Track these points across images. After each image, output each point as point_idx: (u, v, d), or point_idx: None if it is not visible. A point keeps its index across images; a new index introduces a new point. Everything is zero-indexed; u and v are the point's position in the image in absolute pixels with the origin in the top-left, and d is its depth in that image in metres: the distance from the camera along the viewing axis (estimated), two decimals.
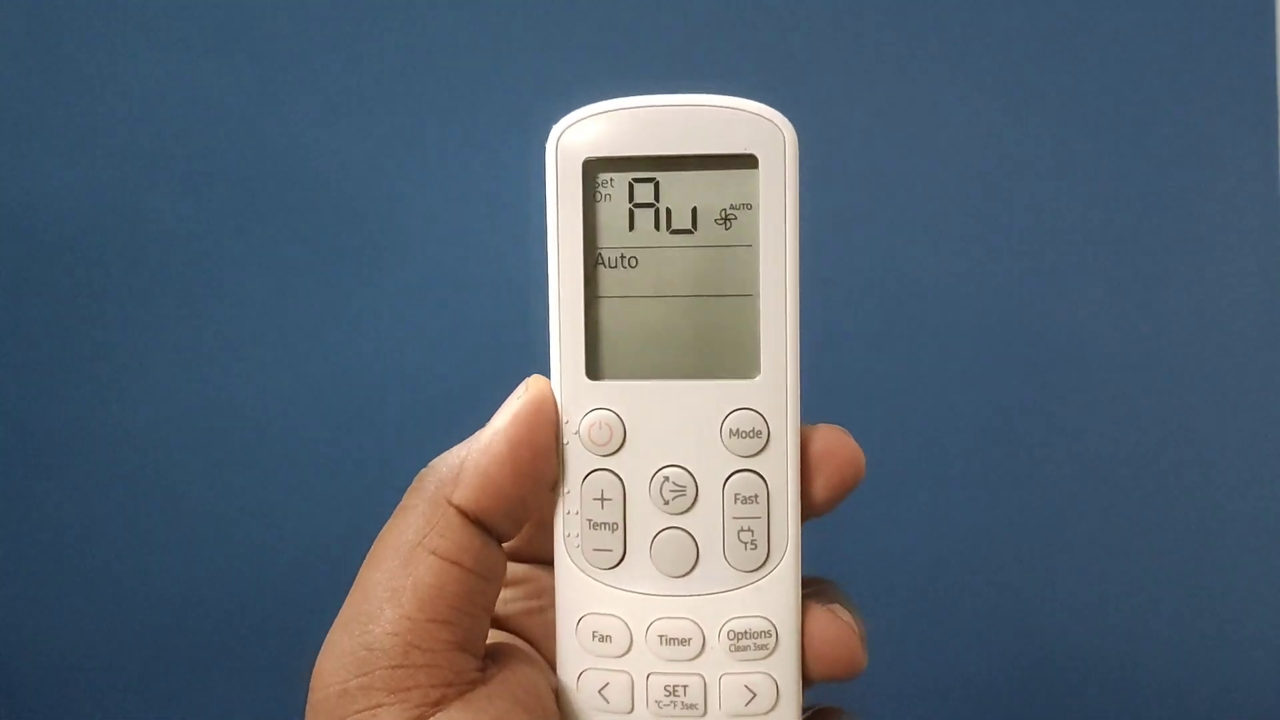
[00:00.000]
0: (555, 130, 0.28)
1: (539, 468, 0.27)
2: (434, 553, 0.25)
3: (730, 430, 0.27)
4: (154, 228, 0.65)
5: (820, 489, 0.28)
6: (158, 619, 0.65)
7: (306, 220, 0.64)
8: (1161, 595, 0.60)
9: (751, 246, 0.27)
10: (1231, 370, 0.60)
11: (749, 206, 0.27)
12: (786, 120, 0.27)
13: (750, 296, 0.28)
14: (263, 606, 0.64)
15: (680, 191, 0.28)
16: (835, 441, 0.28)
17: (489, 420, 0.27)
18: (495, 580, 0.27)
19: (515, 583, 0.30)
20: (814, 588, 0.29)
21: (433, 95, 0.63)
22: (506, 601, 0.29)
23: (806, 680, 0.28)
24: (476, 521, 0.26)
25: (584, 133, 0.28)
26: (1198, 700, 0.60)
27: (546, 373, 0.28)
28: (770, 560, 0.28)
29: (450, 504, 0.26)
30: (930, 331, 0.61)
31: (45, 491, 0.66)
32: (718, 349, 0.28)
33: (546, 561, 0.29)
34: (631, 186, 0.28)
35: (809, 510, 0.28)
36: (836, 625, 0.28)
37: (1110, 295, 0.60)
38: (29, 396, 0.66)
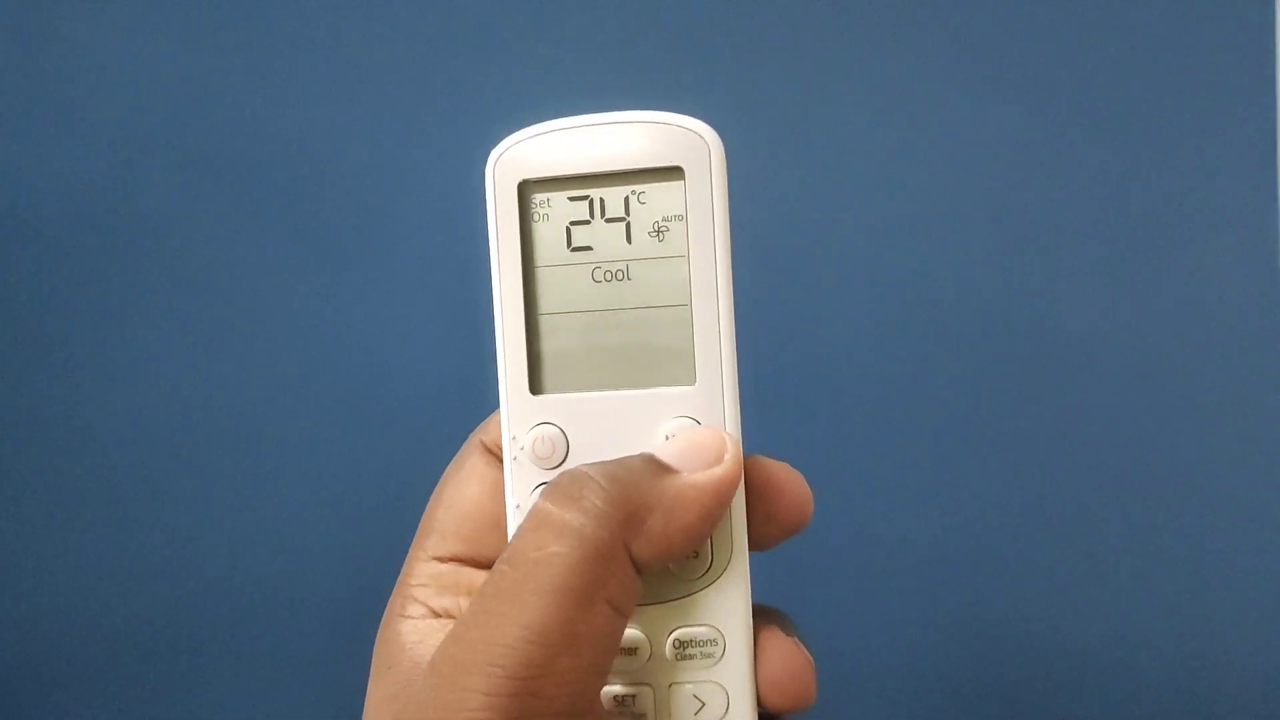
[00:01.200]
0: (493, 155, 0.29)
1: (706, 534, 0.27)
2: (611, 604, 0.24)
3: (668, 437, 0.28)
4: (142, 216, 0.67)
5: (765, 523, 0.28)
6: (147, 613, 0.67)
7: (296, 211, 0.66)
8: (1151, 595, 0.59)
9: (684, 257, 0.28)
10: (1227, 367, 0.58)
11: (680, 218, 0.28)
12: (712, 131, 0.28)
13: (684, 306, 0.28)
14: (248, 600, 0.66)
15: (613, 207, 0.28)
16: (785, 478, 0.28)
17: (666, 458, 0.26)
18: None
19: None
20: (770, 616, 0.29)
21: (425, 90, 0.65)
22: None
23: (760, 708, 0.28)
24: (642, 571, 0.25)
25: (519, 155, 0.29)
26: (1189, 698, 0.58)
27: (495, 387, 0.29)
28: (714, 569, 0.28)
29: (630, 554, 0.25)
30: (913, 334, 0.60)
31: (30, 482, 0.68)
32: (655, 359, 0.28)
33: None
34: (566, 205, 0.29)
35: (753, 542, 0.28)
36: (798, 656, 0.28)
37: (1101, 294, 0.59)
38: (10, 386, 0.68)
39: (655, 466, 0.26)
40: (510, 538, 0.29)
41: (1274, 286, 0.57)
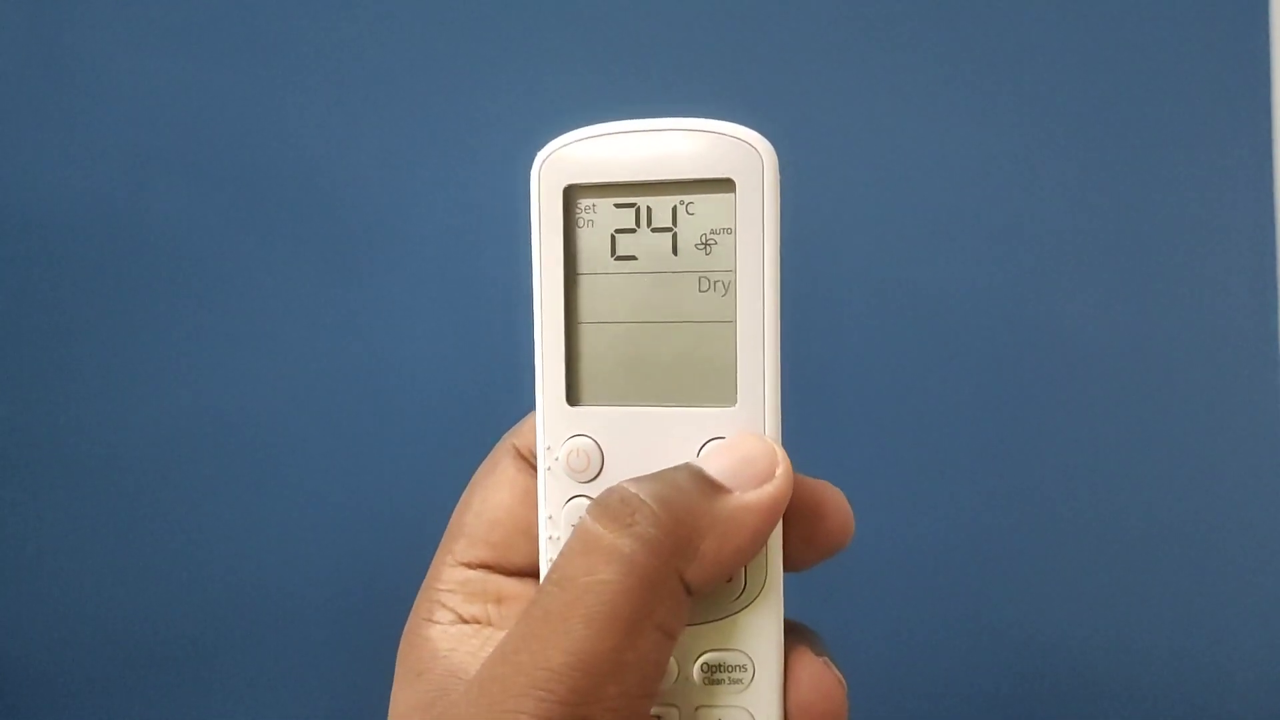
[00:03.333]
0: (539, 157, 0.28)
1: (757, 553, 0.26)
2: (661, 630, 0.24)
3: (702, 447, 0.27)
4: (154, 227, 0.67)
5: (803, 544, 0.27)
6: (152, 623, 0.67)
7: (306, 222, 0.66)
8: (1155, 597, 0.58)
9: (731, 271, 0.27)
10: (1227, 368, 0.57)
11: (728, 231, 0.27)
12: (766, 142, 0.27)
13: (729, 323, 0.27)
14: (262, 607, 0.66)
15: (661, 217, 0.27)
16: (828, 498, 0.28)
17: (715, 473, 0.26)
18: None
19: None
20: (799, 634, 0.28)
21: (437, 99, 0.64)
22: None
23: None
24: (693, 595, 0.25)
25: (565, 159, 0.28)
26: (1193, 700, 0.58)
27: (533, 397, 0.28)
28: (747, 594, 0.27)
29: (682, 580, 0.24)
30: (925, 343, 0.60)
31: (40, 492, 0.68)
32: (696, 376, 0.27)
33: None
34: (612, 212, 0.28)
35: (789, 562, 0.27)
36: (828, 676, 0.27)
37: (1103, 297, 0.58)
38: (26, 397, 0.68)
39: (705, 485, 0.25)
40: (543, 550, 0.28)
41: (1271, 288, 0.57)
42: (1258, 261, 0.57)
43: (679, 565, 0.24)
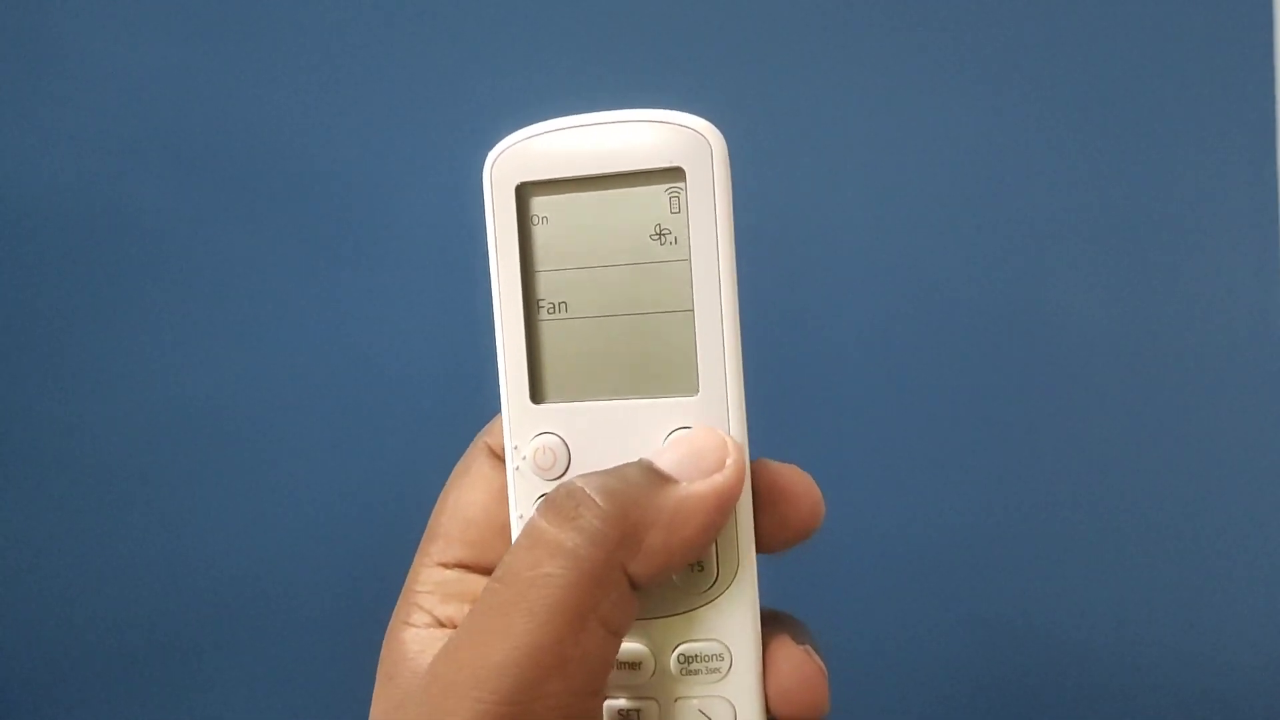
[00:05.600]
0: (490, 157, 0.28)
1: (708, 545, 0.26)
2: (605, 625, 0.24)
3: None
4: (136, 216, 0.66)
5: (775, 527, 0.27)
6: (146, 617, 0.67)
7: (291, 211, 0.65)
8: (1154, 591, 0.58)
9: (686, 260, 0.27)
10: (1229, 364, 0.56)
11: (682, 220, 0.27)
12: (714, 129, 0.27)
13: (688, 312, 0.27)
14: (248, 604, 0.66)
15: (614, 210, 0.27)
16: (795, 481, 0.27)
17: (664, 465, 0.26)
18: None
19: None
20: (781, 623, 0.28)
21: (423, 86, 0.64)
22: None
23: (769, 717, 0.27)
24: (638, 587, 0.25)
25: (516, 157, 0.28)
26: (1192, 695, 0.57)
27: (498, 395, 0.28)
28: (720, 583, 0.27)
29: (625, 572, 0.24)
30: (916, 333, 0.59)
31: (21, 484, 0.68)
32: (657, 367, 0.27)
33: None
34: (566, 207, 0.28)
35: (762, 546, 0.27)
36: (809, 664, 0.27)
37: (1105, 293, 0.57)
38: (5, 387, 0.67)
39: (653, 477, 0.25)
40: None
41: (1274, 283, 0.56)
42: (1262, 253, 0.56)
43: (623, 558, 0.24)
